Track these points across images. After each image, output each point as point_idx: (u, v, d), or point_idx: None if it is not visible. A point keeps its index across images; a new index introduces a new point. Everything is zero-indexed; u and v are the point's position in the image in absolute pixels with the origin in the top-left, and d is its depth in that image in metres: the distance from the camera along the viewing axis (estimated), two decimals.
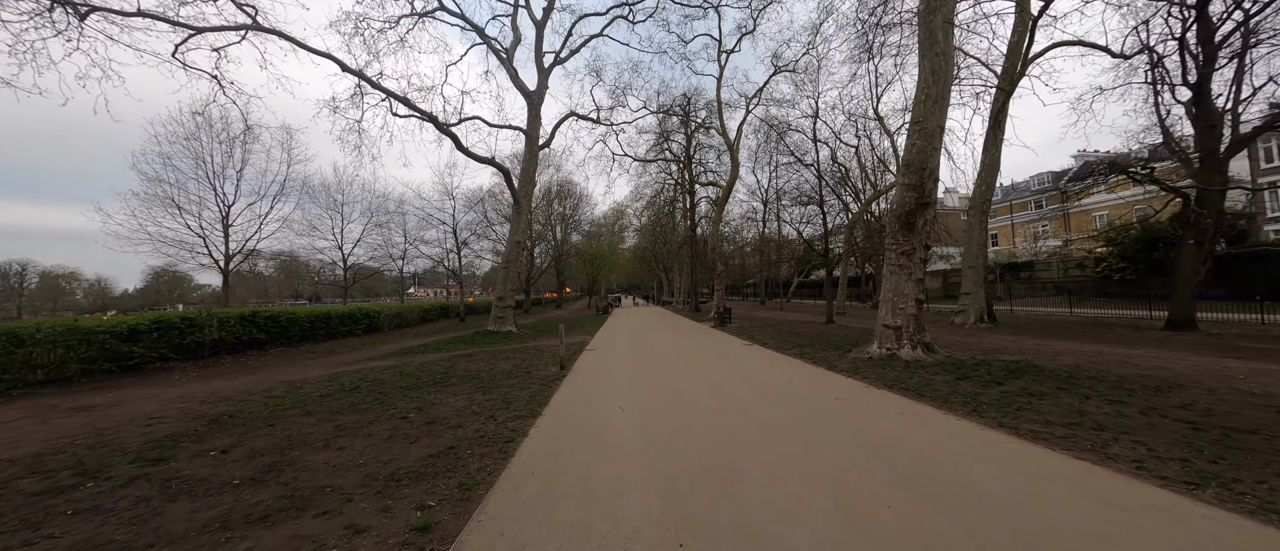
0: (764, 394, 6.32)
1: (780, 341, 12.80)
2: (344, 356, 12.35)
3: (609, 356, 10.72)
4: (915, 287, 9.31)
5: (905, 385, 6.58)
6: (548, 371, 8.76)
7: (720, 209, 27.52)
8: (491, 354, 11.47)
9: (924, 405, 5.48)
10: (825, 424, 4.78)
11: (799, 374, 7.86)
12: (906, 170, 9.11)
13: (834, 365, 8.59)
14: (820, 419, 4.99)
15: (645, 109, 25.38)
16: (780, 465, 3.68)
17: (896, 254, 9.34)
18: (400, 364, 10.18)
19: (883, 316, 9.40)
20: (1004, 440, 4.16)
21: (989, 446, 4.00)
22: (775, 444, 4.18)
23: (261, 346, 13.25)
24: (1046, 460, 3.64)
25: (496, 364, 9.79)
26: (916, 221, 9.22)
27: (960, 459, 3.71)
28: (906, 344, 9.01)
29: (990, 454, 3.81)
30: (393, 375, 8.64)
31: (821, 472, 3.51)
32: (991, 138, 15.76)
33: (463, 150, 15.87)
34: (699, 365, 9.06)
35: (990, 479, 3.30)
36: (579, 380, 7.83)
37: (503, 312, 16.88)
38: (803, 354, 10.24)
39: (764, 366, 8.78)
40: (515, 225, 17.44)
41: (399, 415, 5.64)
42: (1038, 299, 28.37)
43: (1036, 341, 11.20)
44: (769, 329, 17.44)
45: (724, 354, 10.70)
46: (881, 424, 4.74)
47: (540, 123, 18.14)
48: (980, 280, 15.29)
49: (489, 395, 6.70)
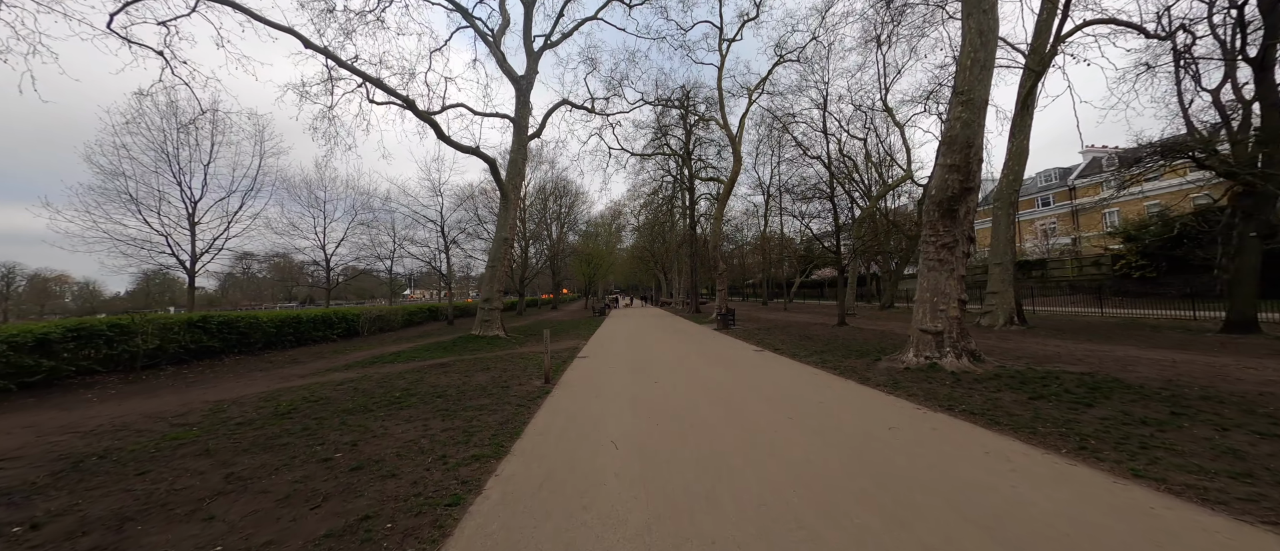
0: (795, 420, 5.00)
1: (794, 346, 11.50)
2: (305, 367, 10.98)
3: (603, 365, 9.39)
4: (958, 286, 8.02)
5: (967, 407, 5.28)
6: (529, 386, 7.43)
7: (722, 205, 26.25)
8: (470, 363, 10.13)
9: (1013, 440, 4.17)
10: (895, 475, 3.46)
11: (828, 389, 6.54)
12: (948, 149, 7.82)
13: (866, 377, 7.28)
14: (885, 466, 3.67)
15: (643, 100, 24.06)
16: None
17: (935, 247, 8.04)
18: (361, 376, 8.83)
19: (919, 319, 8.11)
20: (1168, 506, 2.85)
21: (1150, 519, 2.68)
22: (838, 515, 2.86)
23: (215, 355, 11.87)
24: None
25: (471, 376, 8.45)
26: (959, 208, 7.93)
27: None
28: (949, 351, 7.71)
29: (1169, 537, 2.49)
30: (345, 392, 7.29)
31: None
32: (1019, 123, 14.49)
33: (443, 138, 14.52)
34: (707, 377, 7.74)
35: None
36: (565, 399, 6.51)
37: (489, 316, 15.53)
38: (824, 362, 8.94)
39: (784, 379, 7.47)
40: (502, 221, 16.10)
41: (322, 456, 4.30)
42: (1053, 298, 27.17)
43: (1084, 346, 9.92)
44: (777, 331, 16.15)
45: (733, 362, 9.39)
46: (978, 475, 3.41)
47: (530, 111, 16.80)
48: (1009, 278, 14.03)
49: (450, 421, 5.37)
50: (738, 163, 25.39)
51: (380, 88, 13.48)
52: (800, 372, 8.04)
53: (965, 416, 4.96)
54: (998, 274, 14.09)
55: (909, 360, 7.95)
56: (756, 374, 8.01)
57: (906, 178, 23.81)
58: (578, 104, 19.33)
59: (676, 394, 6.50)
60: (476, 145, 15.37)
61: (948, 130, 7.87)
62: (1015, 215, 14.52)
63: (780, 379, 7.50)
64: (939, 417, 4.95)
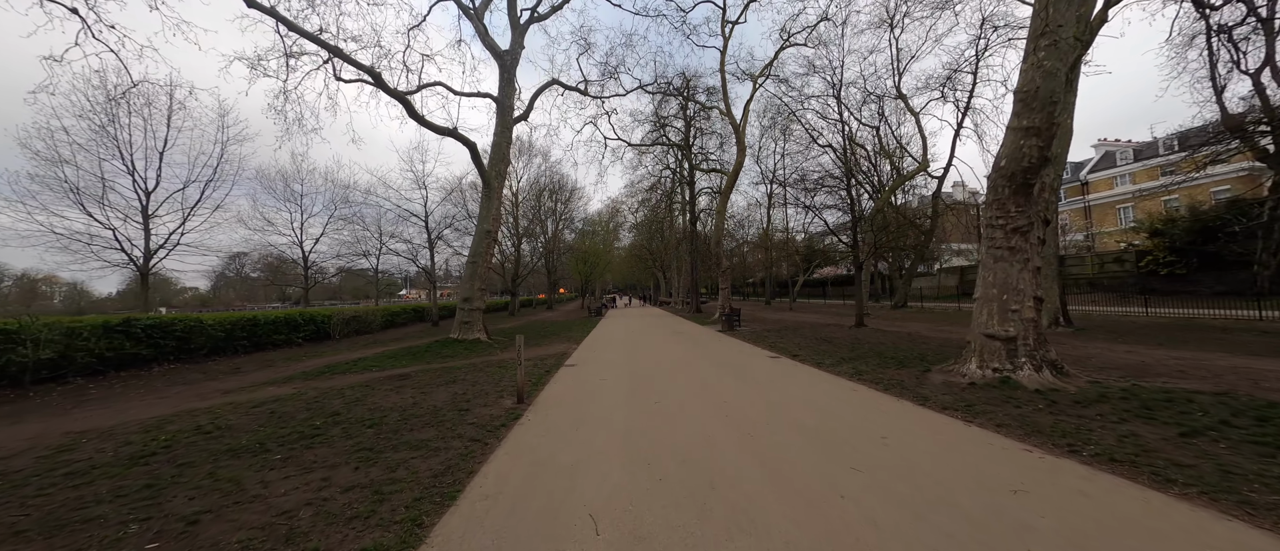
0: (867, 475, 3.42)
1: (815, 352, 9.93)
2: (244, 378, 9.36)
3: (593, 377, 7.80)
4: (1033, 280, 6.46)
5: (1098, 448, 3.71)
6: (495, 409, 5.84)
7: (725, 198, 24.69)
8: (434, 375, 8.52)
9: (1219, 515, 2.60)
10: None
11: (884, 415, 4.96)
12: (1024, 107, 6.26)
13: (923, 395, 5.71)
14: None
15: (640, 87, 22.47)
16: None
17: (1005, 232, 6.48)
18: (296, 393, 7.23)
19: (982, 322, 6.54)
20: None
21: None
22: None
23: (144, 364, 10.24)
24: None
25: (429, 393, 6.85)
26: (1036, 182, 6.37)
27: None
28: (1025, 362, 6.15)
29: None
30: (256, 419, 5.69)
31: None
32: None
33: (416, 117, 12.91)
34: (721, 395, 6.16)
35: None
36: (536, 430, 4.92)
37: (469, 317, 13.90)
38: (860, 373, 7.37)
39: (820, 397, 5.89)
40: (484, 211, 14.47)
41: (134, 547, 2.71)
42: (1074, 297, 25.61)
43: (1165, 353, 8.38)
44: (789, 334, 14.59)
45: (748, 373, 7.81)
46: None
47: (515, 90, 15.18)
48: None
49: (366, 471, 3.78)
50: (742, 153, 23.83)
51: (339, 56, 11.84)
52: (836, 388, 6.46)
53: (1109, 466, 3.39)
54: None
55: (972, 372, 6.39)
56: (782, 389, 6.43)
57: (921, 169, 22.27)
58: (570, 85, 17.73)
59: (684, 422, 4.92)
60: (454, 126, 13.75)
61: (1024, 84, 6.32)
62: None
63: (815, 397, 5.92)
64: (1073, 468, 3.38)
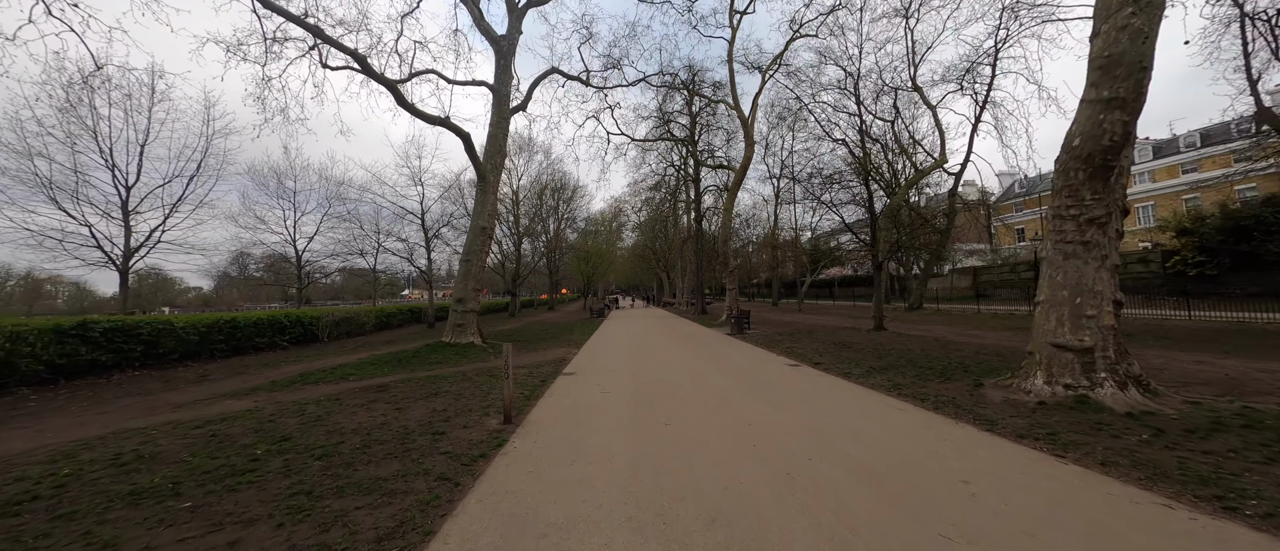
0: (954, 543, 2.49)
1: (838, 359, 8.97)
2: (209, 388, 8.49)
3: (593, 389, 6.88)
4: (1112, 281, 5.49)
5: (1255, 497, 2.76)
6: (476, 432, 4.93)
7: (732, 195, 23.77)
8: (416, 385, 7.62)
9: None
10: None
11: (948, 446, 4.01)
12: (1106, 76, 5.29)
13: (985, 417, 4.77)
14: None
15: (644, 79, 21.55)
16: None
17: (1077, 223, 5.51)
18: (253, 409, 6.34)
19: (1050, 329, 5.58)
20: None
21: None
22: None
23: (105, 371, 9.39)
24: None
25: (405, 409, 5.95)
26: (1116, 164, 5.41)
27: None
28: (1106, 378, 5.18)
29: None
30: (195, 443, 4.80)
31: None
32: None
33: (404, 105, 12.03)
34: (742, 413, 5.23)
35: None
36: (520, 467, 4.00)
37: (463, 319, 13.00)
38: (897, 387, 6.42)
39: (860, 419, 4.94)
40: (479, 207, 13.56)
41: None
42: None
43: (1228, 362, 7.39)
44: (803, 337, 13.64)
45: (769, 383, 6.87)
46: None
47: (512, 78, 14.28)
48: None
49: (292, 528, 2.88)
50: (750, 148, 22.87)
51: (321, 38, 10.97)
52: (878, 407, 5.51)
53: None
54: None
55: (1038, 389, 5.43)
56: (813, 407, 5.49)
57: (938, 165, 21.26)
58: (570, 74, 16.80)
59: (703, 455, 3.99)
60: (446, 115, 12.87)
61: (1104, 48, 5.34)
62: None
63: (856, 419, 4.98)
64: (1243, 536, 2.44)
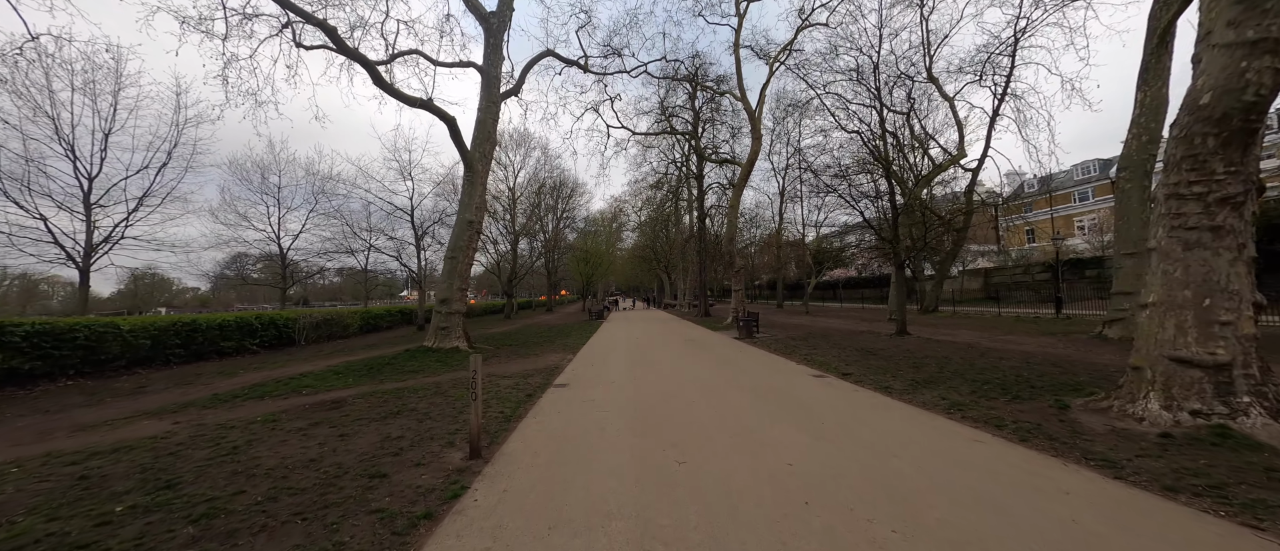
0: None
1: (868, 369, 7.79)
2: (140, 401, 7.31)
3: (587, 408, 5.70)
4: (1249, 278, 4.32)
5: None
6: (433, 471, 3.74)
7: (739, 191, 22.60)
8: (378, 401, 6.44)
9: None
10: None
11: (1073, 504, 2.81)
12: (1251, 11, 4.10)
13: (1104, 455, 3.58)
14: None
15: (644, 69, 20.43)
16: None
17: (1203, 204, 4.33)
18: (166, 433, 5.16)
19: (1168, 339, 4.39)
20: None
21: None
22: None
23: (26, 381, 8.20)
24: None
25: (352, 437, 4.77)
26: (1260, 128, 4.23)
27: None
28: (1251, 403, 4.00)
29: None
30: (48, 491, 3.64)
31: None
32: (1154, 66, 10.78)
33: (382, 85, 10.87)
34: (776, 447, 4.04)
35: None
36: (479, 530, 2.81)
37: (447, 322, 11.82)
38: (957, 408, 5.23)
39: (930, 458, 3.74)
40: (466, 199, 12.39)
41: None
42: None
43: None
44: (819, 342, 12.45)
45: (799, 402, 5.68)
46: None
47: (504, 59, 13.14)
48: None
49: None
50: (757, 141, 21.75)
51: (286, 6, 9.82)
52: (943, 435, 4.32)
53: None
54: (1131, 268, 10.36)
55: (1155, 415, 4.25)
56: (865, 438, 4.30)
57: (957, 159, 20.12)
58: (567, 59, 15.66)
59: (740, 515, 2.80)
60: (429, 98, 11.72)
61: None
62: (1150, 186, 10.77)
63: (923, 454, 3.78)
64: None
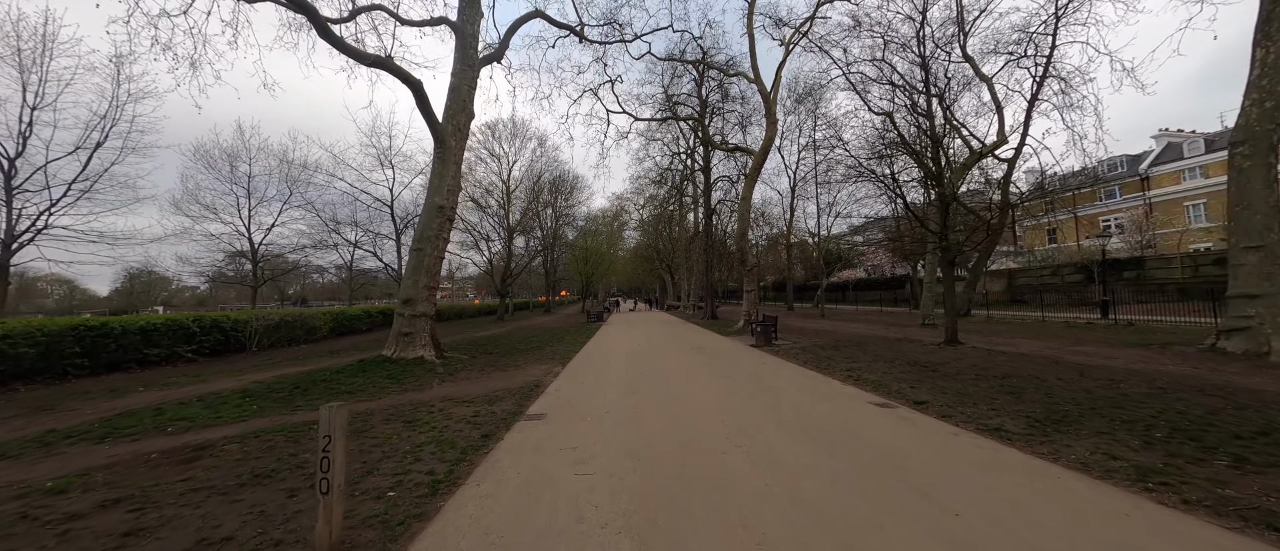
0: None
1: (943, 395, 5.77)
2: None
3: (561, 457, 3.70)
4: None
5: None
6: None
7: (751, 182, 20.58)
8: (265, 446, 4.47)
9: None
10: None
11: None
12: None
13: None
14: None
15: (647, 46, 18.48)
16: None
17: None
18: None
19: None
20: None
21: None
22: None
23: None
24: None
25: (149, 534, 2.79)
26: None
27: None
28: None
29: None
30: None
31: None
32: (1278, 14, 8.75)
33: (329, 37, 8.93)
34: (876, 546, 2.07)
35: None
36: None
37: (411, 326, 9.84)
38: (1148, 477, 3.22)
39: None
40: (436, 180, 10.42)
41: None
42: (1157, 305, 21.15)
43: None
44: (855, 352, 10.43)
45: (884, 458, 3.66)
46: None
47: (481, 14, 11.17)
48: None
49: None
50: (772, 127, 19.74)
51: None
52: (1179, 544, 2.32)
53: None
54: (1256, 265, 8.30)
55: None
56: (1035, 543, 2.31)
57: (997, 146, 18.05)
58: (559, 22, 13.73)
59: None
60: (388, 56, 9.75)
61: None
62: (1277, 164, 8.70)
63: None
64: None
